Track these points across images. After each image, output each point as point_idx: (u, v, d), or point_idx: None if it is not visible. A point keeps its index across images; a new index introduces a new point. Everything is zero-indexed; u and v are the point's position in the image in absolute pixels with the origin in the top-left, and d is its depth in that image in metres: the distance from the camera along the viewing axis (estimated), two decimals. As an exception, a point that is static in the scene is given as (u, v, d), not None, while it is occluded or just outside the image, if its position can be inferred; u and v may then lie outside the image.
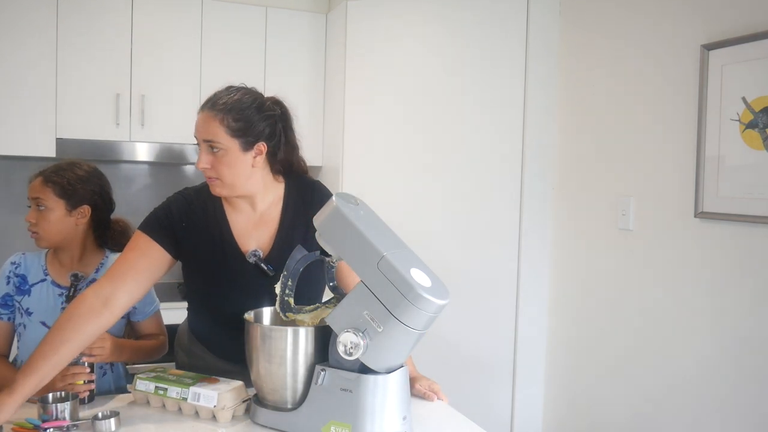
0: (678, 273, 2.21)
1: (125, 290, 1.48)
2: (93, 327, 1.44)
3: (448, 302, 1.28)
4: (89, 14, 2.90)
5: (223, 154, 1.49)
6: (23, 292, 1.79)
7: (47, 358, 1.37)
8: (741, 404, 1.98)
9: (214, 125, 1.48)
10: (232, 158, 1.49)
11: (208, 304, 1.64)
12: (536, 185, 2.84)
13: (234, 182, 1.51)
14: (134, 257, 1.52)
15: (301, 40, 3.22)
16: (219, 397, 1.42)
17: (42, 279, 1.81)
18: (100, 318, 1.45)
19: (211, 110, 1.50)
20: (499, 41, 2.81)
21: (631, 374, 2.40)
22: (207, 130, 1.49)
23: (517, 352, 2.86)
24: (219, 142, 1.48)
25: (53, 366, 1.38)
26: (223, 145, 1.48)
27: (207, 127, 1.49)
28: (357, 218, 1.34)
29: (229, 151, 1.49)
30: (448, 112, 2.84)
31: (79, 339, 1.43)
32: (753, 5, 1.95)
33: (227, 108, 1.49)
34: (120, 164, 3.31)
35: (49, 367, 1.38)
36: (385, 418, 1.31)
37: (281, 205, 1.61)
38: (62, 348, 1.40)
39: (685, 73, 2.17)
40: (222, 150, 1.49)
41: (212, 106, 1.50)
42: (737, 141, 1.97)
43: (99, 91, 2.93)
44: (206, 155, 1.50)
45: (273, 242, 1.59)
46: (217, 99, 1.52)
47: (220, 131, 1.48)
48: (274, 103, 1.59)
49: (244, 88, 1.56)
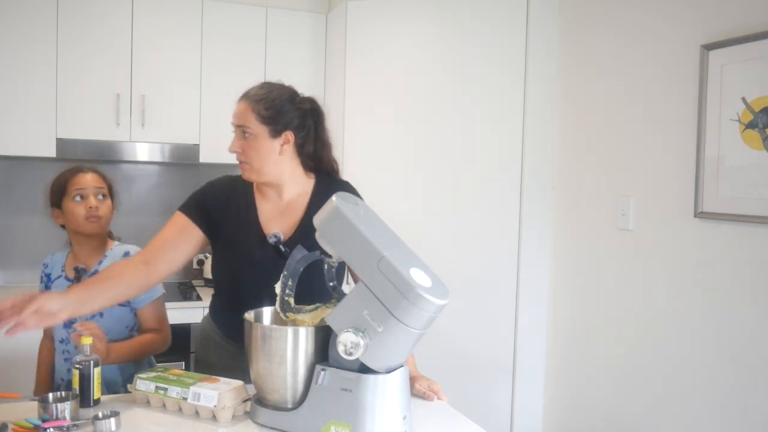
0: (678, 273, 2.21)
1: (164, 258, 1.62)
2: (134, 276, 1.58)
3: (448, 302, 1.29)
4: (90, 14, 2.91)
5: (253, 140, 1.62)
6: (47, 288, 1.93)
7: (89, 286, 1.54)
8: (741, 404, 1.98)
9: (247, 112, 1.62)
10: (260, 143, 1.62)
11: (227, 285, 1.73)
12: (536, 185, 2.85)
13: (261, 167, 1.63)
14: (171, 232, 1.65)
15: (301, 40, 3.22)
16: (219, 397, 1.43)
17: (59, 275, 1.94)
18: (139, 271, 1.58)
19: (246, 100, 1.65)
20: (499, 41, 2.81)
21: (631, 374, 2.40)
22: (240, 117, 1.63)
23: (517, 352, 2.86)
24: (249, 127, 1.62)
25: (94, 294, 1.51)
26: (253, 130, 1.62)
27: (241, 114, 1.64)
28: (357, 218, 1.34)
29: (258, 137, 1.62)
30: (448, 112, 2.84)
31: (121, 282, 1.55)
32: (753, 5, 1.95)
33: (259, 98, 1.64)
34: (120, 164, 3.31)
35: (91, 293, 1.50)
36: (385, 418, 1.31)
37: (309, 198, 1.70)
38: (106, 282, 1.55)
39: (685, 73, 2.17)
40: (252, 135, 1.62)
41: (247, 96, 1.66)
42: (737, 141, 1.97)
43: (99, 91, 2.93)
44: (238, 140, 1.64)
45: (295, 229, 1.66)
46: (253, 90, 1.67)
47: (251, 117, 1.62)
48: (307, 100, 1.72)
49: (279, 84, 1.71)
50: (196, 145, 3.08)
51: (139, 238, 3.32)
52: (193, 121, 3.07)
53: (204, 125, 3.09)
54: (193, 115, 3.08)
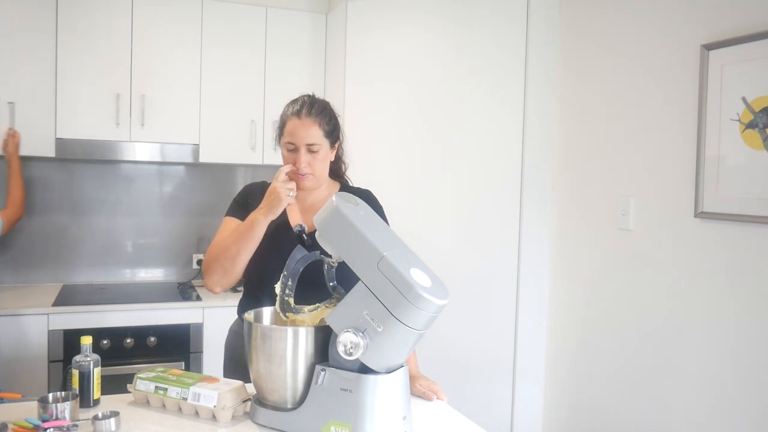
0: (678, 273, 2.21)
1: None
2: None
3: (448, 302, 1.29)
4: (89, 14, 2.90)
5: (319, 153, 1.70)
6: None
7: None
8: (741, 403, 1.98)
9: (314, 129, 1.68)
10: (324, 155, 1.72)
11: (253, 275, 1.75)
12: (536, 185, 2.85)
13: (322, 175, 1.74)
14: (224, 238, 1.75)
15: (301, 40, 3.22)
16: (219, 397, 1.43)
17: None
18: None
19: (308, 116, 1.69)
20: (499, 41, 2.81)
21: (631, 374, 2.40)
22: (309, 135, 1.68)
23: (517, 352, 2.86)
24: (317, 144, 1.69)
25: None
26: (320, 145, 1.69)
27: (309, 132, 1.68)
28: (357, 218, 1.34)
29: (323, 149, 1.71)
30: (448, 112, 2.84)
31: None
32: (753, 5, 1.95)
33: (321, 112, 1.71)
34: (120, 164, 3.31)
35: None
36: (385, 418, 1.31)
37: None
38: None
39: (685, 73, 2.17)
40: (319, 150, 1.69)
41: (309, 112, 1.69)
42: (737, 141, 1.97)
43: (99, 91, 2.93)
44: (307, 156, 1.69)
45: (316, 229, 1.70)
46: (310, 106, 1.71)
47: (318, 134, 1.69)
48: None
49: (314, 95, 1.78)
50: (196, 145, 3.08)
51: (140, 237, 3.34)
52: (193, 121, 3.07)
53: (204, 125, 3.09)
54: (193, 115, 3.07)
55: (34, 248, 3.19)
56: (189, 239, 3.44)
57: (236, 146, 3.15)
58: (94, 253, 3.28)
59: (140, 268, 3.37)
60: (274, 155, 3.19)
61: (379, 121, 2.91)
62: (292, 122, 1.69)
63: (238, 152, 3.16)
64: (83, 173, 3.26)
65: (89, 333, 1.77)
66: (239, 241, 1.65)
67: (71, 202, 3.25)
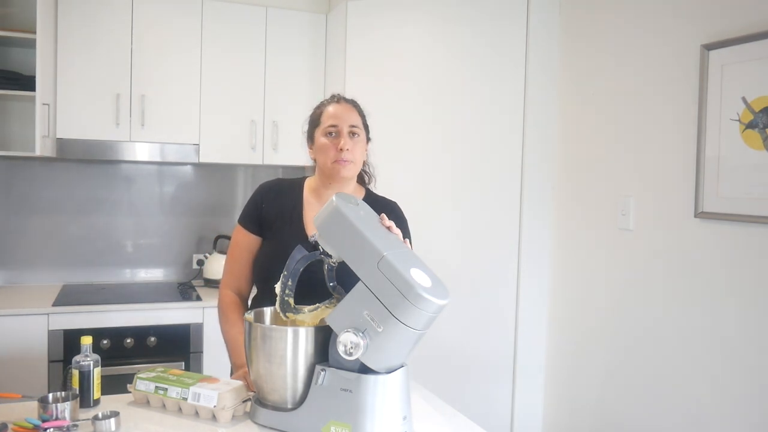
0: (678, 273, 2.21)
1: (245, 279, 1.82)
2: (240, 313, 1.77)
3: (448, 302, 1.28)
4: (89, 14, 2.90)
5: (359, 140, 1.73)
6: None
7: (237, 346, 1.73)
8: (741, 403, 1.98)
9: (354, 114, 1.73)
10: (362, 143, 1.75)
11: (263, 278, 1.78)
12: (536, 185, 2.85)
13: (359, 164, 1.75)
14: (238, 252, 1.81)
15: (301, 40, 3.22)
16: (219, 397, 1.43)
17: None
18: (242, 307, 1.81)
19: (347, 102, 1.75)
20: (500, 40, 2.81)
21: (631, 374, 2.40)
22: (351, 117, 1.72)
23: (517, 352, 2.86)
24: (359, 127, 1.73)
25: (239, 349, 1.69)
26: (360, 130, 1.73)
27: (351, 115, 1.72)
28: (357, 218, 1.34)
29: (362, 137, 1.74)
30: (448, 112, 2.84)
31: (240, 323, 1.73)
32: (753, 5, 1.95)
33: (355, 104, 1.77)
34: (120, 164, 3.31)
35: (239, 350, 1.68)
36: (385, 418, 1.31)
37: None
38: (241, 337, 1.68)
39: (685, 73, 2.17)
40: (359, 136, 1.73)
41: (347, 100, 1.76)
42: (737, 141, 1.97)
43: (99, 91, 2.93)
44: (349, 139, 1.70)
45: None
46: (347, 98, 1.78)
47: (359, 119, 1.74)
48: None
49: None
50: (196, 145, 3.08)
51: (140, 237, 3.34)
52: (193, 121, 3.07)
53: (204, 125, 3.09)
54: (193, 115, 3.08)
55: (34, 248, 3.19)
56: (189, 239, 3.44)
57: (236, 146, 3.15)
58: (94, 253, 3.28)
59: (140, 268, 3.37)
60: (274, 155, 3.19)
61: (379, 121, 2.89)
62: (332, 107, 1.73)
63: (238, 152, 3.16)
64: (83, 173, 3.26)
65: (89, 333, 1.77)
66: (226, 346, 1.78)
67: (71, 202, 3.25)
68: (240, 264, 1.80)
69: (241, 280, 1.81)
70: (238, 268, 1.81)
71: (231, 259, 1.83)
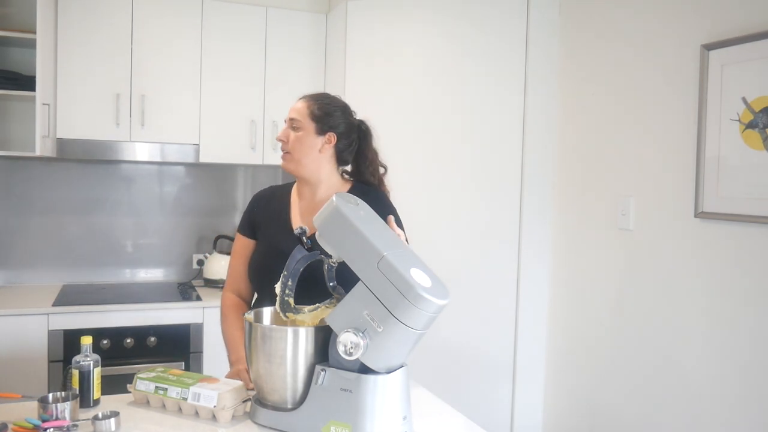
0: (678, 273, 2.21)
1: (243, 281, 1.88)
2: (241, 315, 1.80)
3: (448, 302, 1.28)
4: (89, 14, 2.90)
5: (300, 133, 1.75)
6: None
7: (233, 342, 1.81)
8: (741, 404, 1.98)
9: (303, 108, 1.77)
10: (305, 137, 1.75)
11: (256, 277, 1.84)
12: (536, 185, 2.85)
13: (300, 158, 1.76)
14: (238, 262, 1.88)
15: (301, 40, 3.22)
16: (219, 397, 1.43)
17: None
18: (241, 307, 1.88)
19: (305, 99, 1.80)
20: (500, 41, 2.81)
21: (631, 374, 2.40)
22: (293, 110, 1.78)
23: (517, 352, 2.86)
24: (300, 121, 1.75)
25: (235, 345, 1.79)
26: (302, 124, 1.75)
27: (294, 107, 1.78)
28: (357, 218, 1.34)
29: (305, 131, 1.75)
30: (448, 111, 2.84)
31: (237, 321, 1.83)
32: (753, 5, 1.95)
33: (317, 99, 1.80)
34: (120, 164, 3.31)
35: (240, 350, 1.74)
36: (385, 418, 1.31)
37: None
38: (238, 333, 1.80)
39: (685, 73, 2.17)
40: (300, 128, 1.75)
41: (307, 96, 1.81)
42: (737, 141, 1.97)
43: (99, 91, 2.93)
44: (286, 130, 1.78)
45: None
46: (313, 93, 1.83)
47: (305, 113, 1.76)
48: (360, 119, 1.88)
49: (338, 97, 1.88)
50: (196, 145, 3.08)
51: (140, 237, 3.34)
52: (193, 121, 3.07)
53: (204, 125, 3.09)
54: (193, 115, 3.07)
55: (34, 248, 3.19)
56: (189, 239, 3.44)
57: (236, 146, 3.15)
58: (94, 253, 3.28)
59: (140, 268, 3.37)
60: (274, 155, 3.19)
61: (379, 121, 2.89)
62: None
63: (238, 152, 3.16)
64: (83, 173, 3.26)
65: (89, 333, 1.77)
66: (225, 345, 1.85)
67: (71, 202, 3.24)
68: (238, 267, 1.89)
69: (240, 282, 1.89)
70: (236, 271, 1.89)
71: (231, 265, 1.93)
